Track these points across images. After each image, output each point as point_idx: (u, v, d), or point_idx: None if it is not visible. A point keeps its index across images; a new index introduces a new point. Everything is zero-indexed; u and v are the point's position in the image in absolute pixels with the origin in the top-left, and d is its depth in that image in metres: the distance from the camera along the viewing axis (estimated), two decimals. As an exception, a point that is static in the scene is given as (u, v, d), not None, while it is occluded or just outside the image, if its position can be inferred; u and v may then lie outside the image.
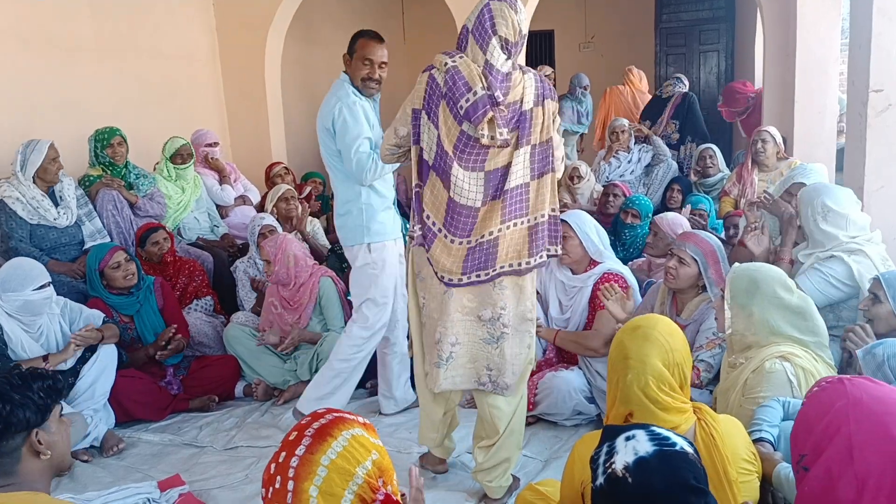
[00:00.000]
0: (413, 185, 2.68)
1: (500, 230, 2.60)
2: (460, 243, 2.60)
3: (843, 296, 3.15)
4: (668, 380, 1.92)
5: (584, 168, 6.13)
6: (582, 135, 8.57)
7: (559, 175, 2.79)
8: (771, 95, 6.11)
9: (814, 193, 3.31)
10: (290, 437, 1.47)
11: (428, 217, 2.64)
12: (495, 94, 2.50)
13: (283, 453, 1.45)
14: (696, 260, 3.24)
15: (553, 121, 2.65)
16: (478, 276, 2.63)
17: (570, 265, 3.64)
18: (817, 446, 1.62)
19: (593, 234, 3.59)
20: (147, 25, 6.20)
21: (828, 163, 5.75)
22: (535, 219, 2.66)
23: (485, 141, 2.52)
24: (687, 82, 7.40)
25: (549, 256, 2.73)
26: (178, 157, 5.26)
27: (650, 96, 7.73)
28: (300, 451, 1.43)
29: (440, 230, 2.62)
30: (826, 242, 3.20)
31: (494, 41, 2.52)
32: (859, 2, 3.94)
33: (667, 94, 7.21)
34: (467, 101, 2.49)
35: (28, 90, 5.10)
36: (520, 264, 2.66)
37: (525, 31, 2.58)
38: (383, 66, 3.44)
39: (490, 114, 2.49)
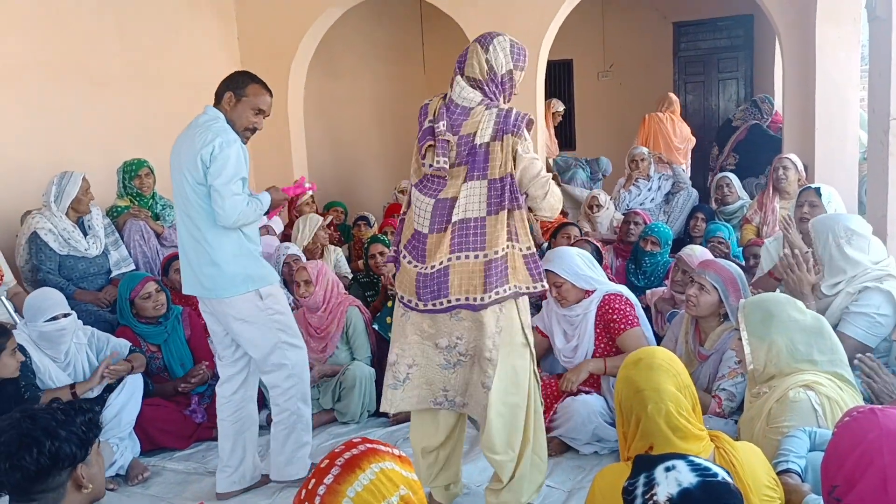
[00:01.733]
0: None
1: (449, 259, 2.63)
2: (414, 266, 2.69)
3: (892, 325, 3.00)
4: (684, 403, 1.94)
5: (602, 197, 6.14)
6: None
7: (554, 215, 2.80)
8: (791, 123, 6.10)
9: (831, 220, 3.24)
10: (322, 465, 1.48)
11: (399, 241, 2.80)
12: (435, 126, 2.65)
13: (313, 480, 1.46)
14: (716, 287, 3.23)
15: (514, 157, 2.62)
16: (433, 304, 2.67)
17: (571, 305, 3.64)
18: (850, 477, 1.60)
19: (581, 270, 3.58)
20: (173, 58, 6.34)
21: (850, 190, 5.71)
22: (493, 254, 2.63)
23: (425, 169, 2.69)
24: (768, 106, 7.08)
25: (530, 291, 2.73)
26: None
27: (686, 126, 7.69)
28: (328, 480, 1.45)
29: (401, 252, 2.76)
30: (849, 269, 3.08)
31: (459, 79, 2.69)
32: (878, 29, 3.95)
33: (736, 121, 7.14)
34: (419, 131, 2.73)
35: (58, 121, 5.23)
36: (475, 299, 2.63)
37: (501, 67, 2.66)
38: (265, 117, 3.20)
39: (429, 142, 2.66)
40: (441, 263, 2.63)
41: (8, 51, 4.90)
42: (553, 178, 2.79)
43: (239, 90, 3.08)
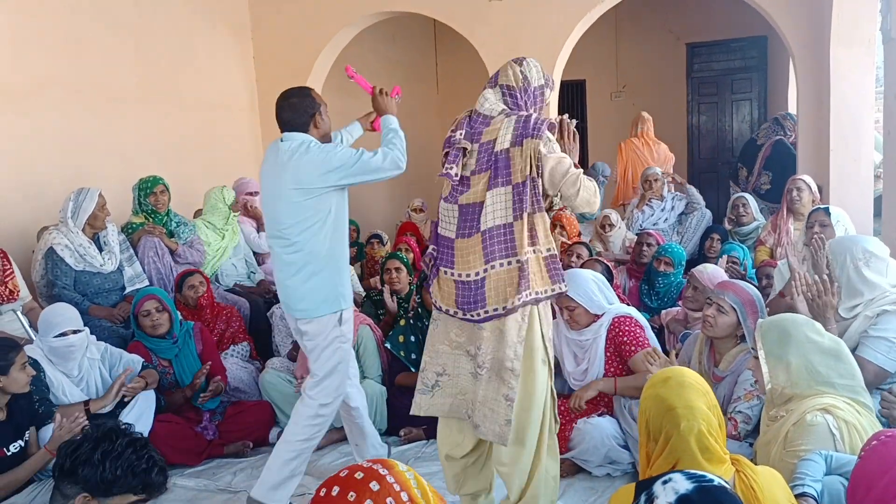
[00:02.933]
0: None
1: (485, 271, 2.64)
2: (446, 273, 2.71)
3: None
4: (714, 423, 1.92)
5: (614, 216, 6.12)
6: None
7: (594, 210, 2.80)
8: (805, 144, 6.09)
9: (850, 242, 3.20)
10: (357, 475, 1.39)
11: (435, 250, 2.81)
12: (452, 135, 2.75)
13: (352, 493, 1.36)
14: (734, 309, 3.21)
15: (537, 159, 2.61)
16: (472, 315, 2.67)
17: (581, 329, 3.64)
18: (881, 503, 1.58)
19: (595, 295, 3.58)
20: (190, 77, 6.41)
21: (865, 211, 5.69)
22: (523, 259, 2.62)
23: (442, 174, 2.73)
24: (790, 123, 6.95)
25: (557, 294, 2.74)
26: (234, 206, 5.42)
27: (664, 145, 7.60)
28: (385, 475, 1.38)
29: (439, 261, 2.78)
30: (866, 291, 3.03)
31: (488, 91, 2.78)
32: (893, 51, 3.95)
33: (761, 139, 7.07)
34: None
35: (75, 138, 5.28)
36: (505, 307, 2.63)
37: (534, 80, 2.77)
38: None
39: (445, 150, 2.75)
40: (477, 274, 2.65)
41: (26, 68, 4.96)
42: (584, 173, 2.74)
43: (315, 106, 3.21)
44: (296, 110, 3.17)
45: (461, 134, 2.74)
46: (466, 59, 7.79)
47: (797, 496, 2.11)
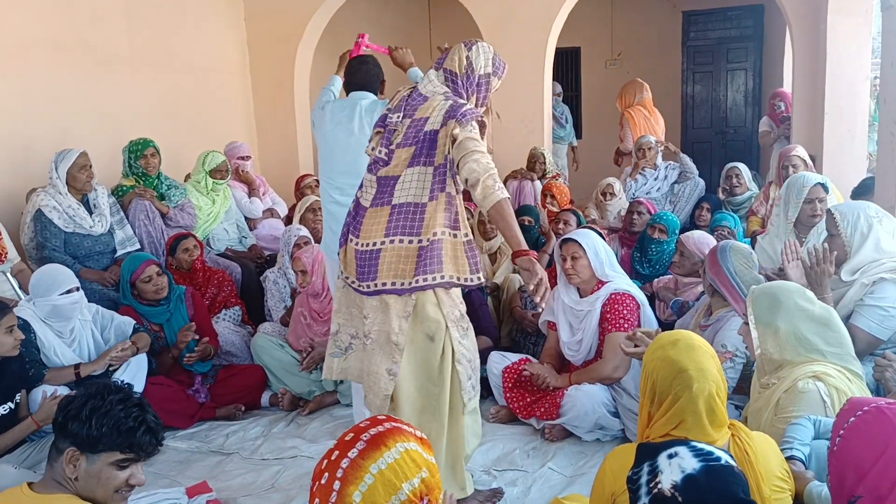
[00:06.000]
0: None
1: (382, 243, 2.60)
2: (351, 241, 2.69)
3: None
4: (721, 385, 1.92)
5: (617, 186, 6.09)
6: (573, 147, 8.51)
7: (486, 200, 2.49)
8: (800, 114, 6.07)
9: (861, 203, 3.22)
10: (347, 438, 1.49)
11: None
12: (388, 115, 2.75)
13: (337, 452, 1.47)
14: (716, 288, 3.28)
15: (453, 142, 2.55)
16: (361, 286, 2.63)
17: (579, 285, 3.66)
18: (876, 489, 1.55)
19: (602, 254, 3.61)
20: (180, 38, 6.32)
21: (858, 181, 5.69)
22: (426, 240, 2.56)
23: (366, 151, 2.78)
24: None
25: (466, 284, 2.62)
26: (217, 172, 5.35)
27: (660, 115, 7.50)
28: (352, 454, 1.45)
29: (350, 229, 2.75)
30: (873, 252, 3.01)
31: (432, 73, 2.76)
32: (891, 19, 3.92)
33: None
34: None
35: (64, 100, 5.21)
36: (402, 284, 2.57)
37: (479, 68, 2.73)
38: None
39: (378, 129, 2.78)
40: (374, 245, 2.61)
41: (15, 28, 4.87)
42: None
43: (382, 75, 3.59)
44: (374, 75, 3.52)
45: (398, 117, 2.71)
46: (461, 26, 7.70)
47: (785, 459, 2.13)
